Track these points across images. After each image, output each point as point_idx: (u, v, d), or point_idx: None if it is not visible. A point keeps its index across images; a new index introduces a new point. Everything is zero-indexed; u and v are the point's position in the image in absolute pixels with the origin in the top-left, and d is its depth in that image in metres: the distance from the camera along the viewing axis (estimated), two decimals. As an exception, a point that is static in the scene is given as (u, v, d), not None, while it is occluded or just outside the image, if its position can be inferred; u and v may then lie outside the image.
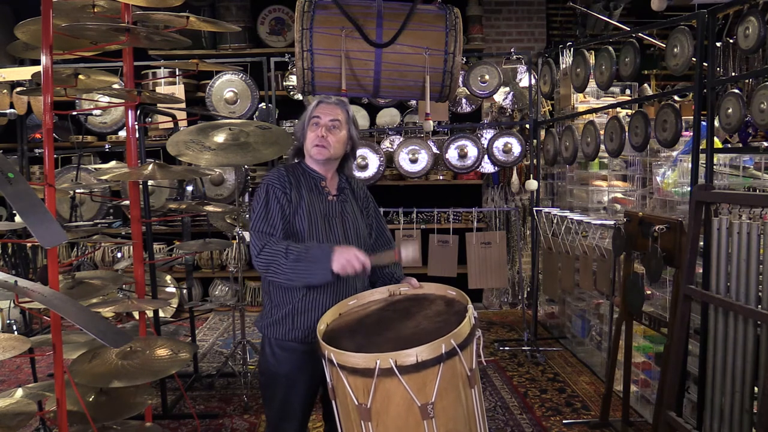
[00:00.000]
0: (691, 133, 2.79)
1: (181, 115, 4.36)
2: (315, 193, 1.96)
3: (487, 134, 4.69)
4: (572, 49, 4.23)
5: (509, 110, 5.23)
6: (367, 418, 1.51)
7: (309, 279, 1.78)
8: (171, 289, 4.93)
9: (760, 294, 2.16)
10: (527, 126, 4.66)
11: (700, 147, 2.72)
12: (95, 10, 2.48)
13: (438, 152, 4.68)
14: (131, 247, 3.52)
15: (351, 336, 1.66)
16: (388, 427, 1.52)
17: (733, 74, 3.63)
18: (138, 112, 2.83)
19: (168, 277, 5.00)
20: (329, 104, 1.97)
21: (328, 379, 1.63)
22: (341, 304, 1.86)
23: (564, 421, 3.18)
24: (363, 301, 1.91)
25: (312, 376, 1.94)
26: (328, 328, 1.75)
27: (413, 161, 4.54)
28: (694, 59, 2.74)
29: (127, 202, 3.14)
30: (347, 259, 1.73)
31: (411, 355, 1.45)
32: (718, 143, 3.42)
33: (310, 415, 2.05)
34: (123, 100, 2.74)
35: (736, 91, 2.65)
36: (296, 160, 2.05)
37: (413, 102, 5.16)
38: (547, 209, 4.27)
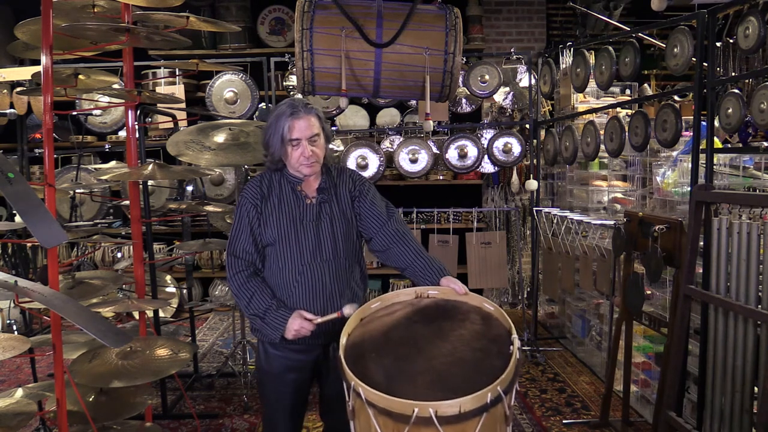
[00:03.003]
0: (691, 133, 2.79)
1: (181, 115, 4.36)
2: (291, 198, 1.95)
3: (487, 134, 4.69)
4: (572, 49, 4.23)
5: (509, 110, 5.23)
6: None
7: (261, 331, 1.91)
8: (171, 289, 4.93)
9: (760, 294, 2.16)
10: (527, 126, 4.66)
11: (700, 147, 2.72)
12: (95, 10, 2.48)
13: (438, 152, 4.68)
14: (131, 247, 3.52)
15: (377, 358, 1.52)
16: None
17: (733, 74, 3.63)
18: (138, 112, 2.83)
19: (168, 277, 4.99)
20: (302, 119, 1.87)
21: (348, 400, 1.49)
22: (364, 307, 1.74)
23: (564, 421, 3.18)
24: (387, 304, 1.76)
25: (302, 373, 1.98)
26: (350, 341, 1.60)
27: (413, 161, 4.54)
28: (694, 59, 2.74)
29: (127, 202, 3.14)
30: (296, 329, 1.81)
31: (454, 407, 1.32)
32: (718, 143, 3.42)
33: (305, 410, 2.08)
34: (123, 100, 2.74)
35: (736, 91, 2.66)
36: (276, 167, 1.98)
37: (413, 102, 5.15)
38: (547, 209, 4.27)
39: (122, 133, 5.31)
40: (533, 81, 4.62)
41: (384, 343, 1.57)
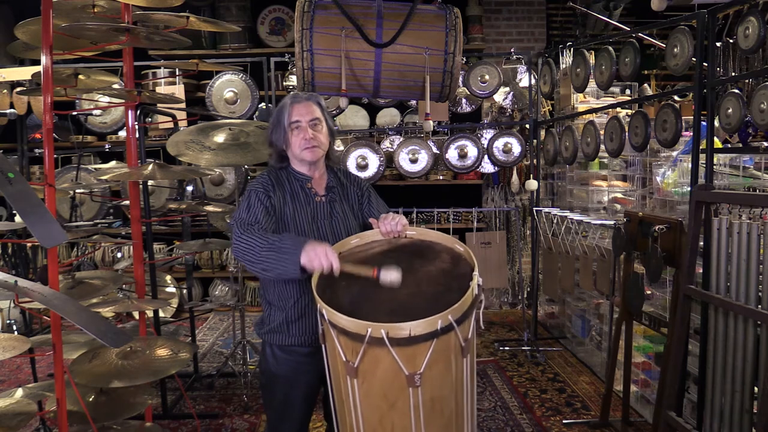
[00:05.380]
0: (691, 133, 2.79)
1: (181, 115, 4.36)
2: (301, 195, 1.94)
3: (487, 134, 4.69)
4: (572, 49, 4.23)
5: (509, 110, 5.23)
6: (353, 375, 1.51)
7: (279, 271, 1.70)
8: (171, 289, 4.93)
9: (760, 294, 2.16)
10: (527, 126, 4.66)
11: (700, 147, 2.72)
12: (95, 10, 2.48)
13: (438, 152, 4.68)
14: (131, 247, 3.52)
15: (347, 287, 1.62)
16: (373, 387, 1.53)
17: (733, 74, 3.63)
18: (138, 112, 2.83)
19: (168, 277, 5.00)
20: (302, 103, 1.92)
21: (319, 325, 1.62)
22: (343, 242, 1.80)
23: (564, 421, 3.18)
24: (365, 241, 1.83)
25: (312, 377, 1.94)
26: (325, 272, 1.68)
27: (413, 161, 4.54)
28: (694, 59, 2.74)
29: (127, 202, 3.14)
30: (316, 253, 1.65)
31: (404, 329, 1.42)
32: (718, 143, 3.42)
33: (311, 415, 2.04)
34: (123, 100, 2.74)
35: (736, 91, 2.65)
36: (281, 165, 1.99)
37: (413, 102, 5.16)
38: (547, 209, 4.27)
39: (122, 133, 5.31)
40: (533, 81, 4.62)
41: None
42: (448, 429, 1.61)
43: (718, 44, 3.51)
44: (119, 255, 5.33)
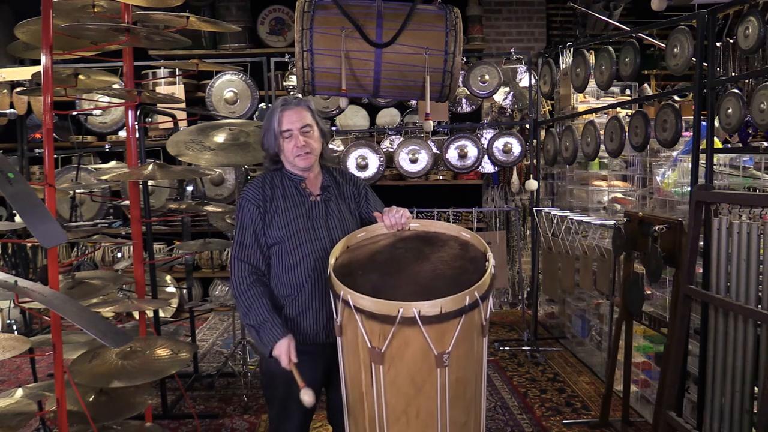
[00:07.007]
0: (691, 133, 2.79)
1: (181, 115, 4.36)
2: (296, 196, 1.95)
3: (487, 134, 4.69)
4: (572, 49, 4.23)
5: (509, 110, 5.23)
6: (379, 362, 1.51)
7: (254, 335, 1.87)
8: (171, 289, 4.93)
9: (760, 294, 2.16)
10: (527, 126, 4.66)
11: (700, 147, 2.72)
12: (95, 10, 2.48)
13: (438, 152, 4.68)
14: (131, 247, 3.52)
15: (364, 274, 1.63)
16: (400, 371, 1.52)
17: (733, 74, 3.63)
18: (138, 112, 2.83)
19: (168, 277, 5.00)
20: (293, 110, 1.92)
21: (336, 316, 1.62)
22: (350, 236, 1.84)
23: (564, 421, 3.18)
24: (371, 234, 1.87)
25: (312, 375, 1.94)
26: (338, 263, 1.71)
27: (413, 161, 4.54)
28: (694, 59, 2.74)
29: (127, 202, 3.14)
30: (282, 352, 1.78)
31: (435, 306, 1.44)
32: (718, 143, 3.42)
33: (312, 415, 2.04)
34: (123, 100, 2.75)
35: (736, 91, 2.65)
36: (275, 167, 2.00)
37: (413, 102, 5.15)
38: (547, 209, 4.27)
39: (122, 133, 5.31)
40: (533, 81, 4.62)
41: (370, 263, 1.71)
42: (468, 412, 1.63)
43: (718, 44, 3.50)
44: (119, 255, 5.33)
